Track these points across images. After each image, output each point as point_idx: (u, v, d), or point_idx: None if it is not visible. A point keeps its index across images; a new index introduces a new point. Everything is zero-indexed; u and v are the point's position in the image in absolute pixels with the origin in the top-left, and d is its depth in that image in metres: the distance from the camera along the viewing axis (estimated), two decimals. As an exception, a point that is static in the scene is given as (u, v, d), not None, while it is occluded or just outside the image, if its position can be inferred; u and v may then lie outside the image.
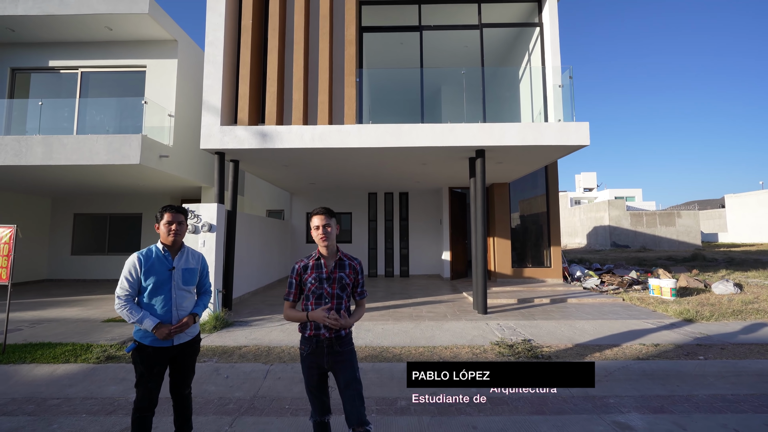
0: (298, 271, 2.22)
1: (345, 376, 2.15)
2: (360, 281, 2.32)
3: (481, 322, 5.81)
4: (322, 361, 2.15)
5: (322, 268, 2.20)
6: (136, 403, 2.27)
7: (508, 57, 8.93)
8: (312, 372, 2.16)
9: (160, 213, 2.41)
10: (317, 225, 2.20)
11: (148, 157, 6.94)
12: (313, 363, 2.16)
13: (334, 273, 2.21)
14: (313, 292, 2.17)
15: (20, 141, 6.71)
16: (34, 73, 8.62)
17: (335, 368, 2.16)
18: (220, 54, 6.49)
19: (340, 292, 2.20)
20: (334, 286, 2.19)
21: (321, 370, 2.17)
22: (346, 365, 2.16)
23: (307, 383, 2.19)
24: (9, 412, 3.23)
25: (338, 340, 2.17)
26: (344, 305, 2.22)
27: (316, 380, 2.17)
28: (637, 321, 5.79)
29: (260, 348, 4.66)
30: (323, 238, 2.19)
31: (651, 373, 3.85)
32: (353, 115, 6.44)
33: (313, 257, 2.25)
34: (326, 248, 2.22)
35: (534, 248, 10.58)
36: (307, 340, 2.17)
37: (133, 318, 2.23)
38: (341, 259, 2.26)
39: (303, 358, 2.19)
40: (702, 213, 37.73)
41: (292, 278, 2.23)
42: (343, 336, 2.20)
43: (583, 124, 6.25)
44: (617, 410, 3.18)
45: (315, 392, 2.18)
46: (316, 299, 2.18)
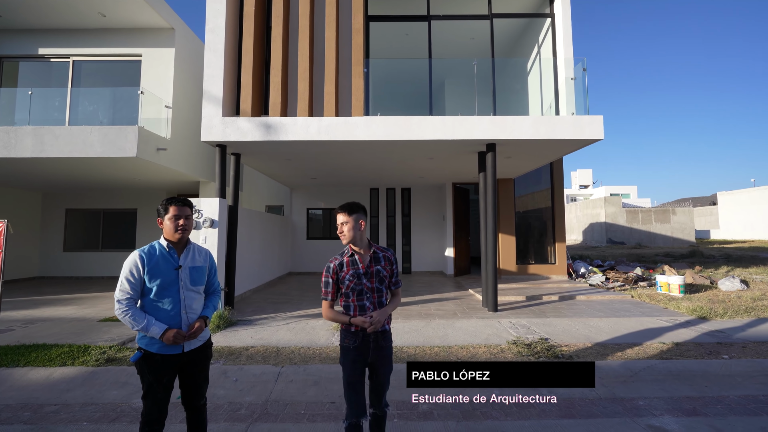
0: (334, 269, 2.19)
1: (385, 370, 2.23)
2: (394, 271, 2.32)
3: (493, 320, 5.67)
4: (367, 355, 2.17)
5: (357, 264, 2.20)
6: (145, 416, 2.04)
7: (516, 49, 8.75)
8: (356, 366, 2.17)
9: (163, 206, 2.15)
10: (337, 224, 2.23)
11: (144, 150, 6.66)
12: (358, 357, 2.17)
13: (371, 267, 2.21)
14: (353, 289, 2.17)
15: (9, 132, 6.39)
16: (22, 62, 8.25)
17: (377, 362, 2.20)
18: (221, 42, 6.22)
19: (379, 285, 2.22)
20: (372, 280, 2.20)
21: (365, 363, 2.19)
22: (387, 360, 2.24)
23: (350, 377, 2.16)
24: (3, 420, 3.00)
25: (383, 335, 2.23)
26: (384, 297, 2.25)
27: (359, 374, 2.18)
28: (651, 319, 5.68)
29: (268, 349, 4.46)
30: (341, 237, 2.21)
31: (677, 374, 3.72)
32: (361, 107, 6.22)
33: (347, 254, 2.23)
34: (353, 245, 2.21)
35: (538, 244, 10.48)
36: (352, 334, 2.18)
37: (137, 325, 1.99)
38: (375, 252, 2.26)
39: (347, 351, 2.18)
40: (695, 210, 38.09)
41: (328, 277, 2.19)
42: (387, 330, 2.25)
43: (597, 117, 6.10)
44: (649, 413, 3.05)
45: (357, 387, 2.16)
46: (357, 296, 2.18)
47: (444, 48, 8.44)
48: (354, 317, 2.14)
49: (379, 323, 2.12)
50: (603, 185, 46.23)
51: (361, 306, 2.18)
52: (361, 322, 2.10)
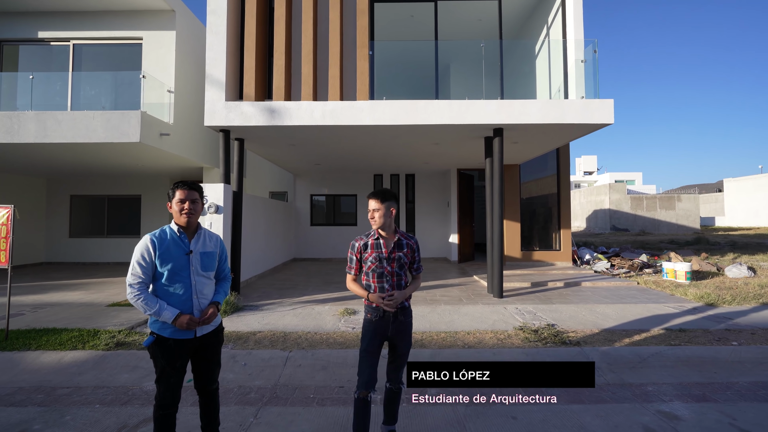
0: (359, 248, 2.34)
1: (404, 344, 2.35)
2: (416, 258, 2.43)
3: (499, 306, 5.67)
4: (387, 328, 2.29)
5: (381, 248, 2.31)
6: (158, 400, 2.04)
7: (524, 31, 8.53)
8: (375, 338, 2.29)
9: (171, 190, 2.13)
10: (369, 209, 2.34)
11: (148, 135, 6.59)
12: (378, 329, 2.29)
13: (393, 253, 2.32)
14: (374, 270, 2.30)
15: (12, 117, 6.33)
16: (22, 45, 8.12)
17: (397, 336, 2.32)
18: (223, 24, 6.08)
19: (398, 270, 2.32)
20: (393, 264, 2.30)
21: (384, 337, 2.31)
22: (406, 335, 2.36)
23: (367, 347, 2.29)
24: (17, 403, 3.04)
25: (403, 311, 2.33)
26: (404, 281, 2.36)
27: (376, 346, 2.30)
28: (658, 305, 5.67)
29: (276, 333, 4.48)
30: (372, 222, 2.33)
31: (686, 360, 3.71)
32: (366, 91, 6.10)
33: (372, 236, 2.36)
34: (382, 230, 2.33)
35: (543, 231, 10.43)
36: (374, 309, 2.30)
37: (149, 309, 1.97)
38: (400, 239, 2.36)
39: (369, 323, 2.31)
40: (700, 197, 37.80)
41: (352, 255, 2.37)
42: (407, 307, 2.36)
43: (607, 101, 5.97)
44: (659, 399, 3.05)
45: (371, 358, 2.27)
46: (377, 277, 2.30)
47: (450, 30, 8.24)
48: (371, 294, 2.29)
49: (395, 303, 2.23)
50: (608, 172, 45.84)
51: (380, 287, 2.30)
52: (377, 299, 2.25)
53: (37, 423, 2.75)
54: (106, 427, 2.69)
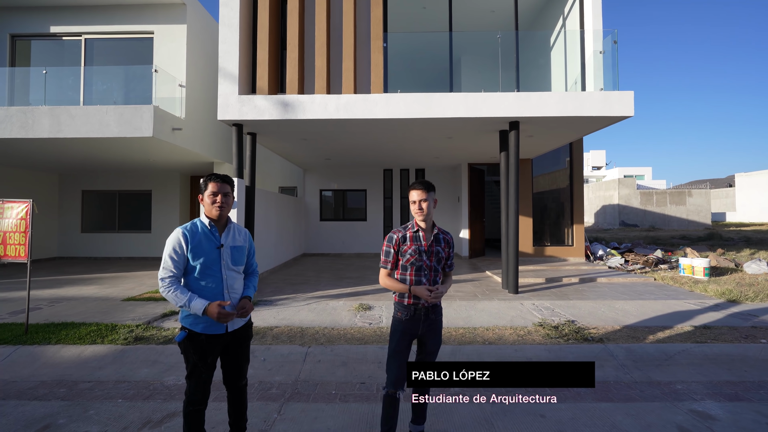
0: (397, 240, 2.25)
1: (434, 342, 2.32)
2: (450, 255, 2.37)
3: (515, 302, 5.59)
4: (417, 327, 2.24)
5: (420, 240, 2.25)
6: (189, 396, 2.02)
7: (538, 22, 8.37)
8: (405, 337, 2.24)
9: (203, 183, 2.09)
10: (414, 200, 2.24)
11: (160, 130, 6.57)
12: (408, 329, 2.24)
13: (432, 247, 2.26)
14: (412, 264, 2.22)
15: (26, 112, 6.34)
16: (34, 40, 8.12)
17: (427, 335, 2.27)
18: (236, 16, 6.01)
19: (436, 264, 2.27)
20: (432, 258, 2.25)
21: (413, 336, 2.26)
22: (437, 333, 2.32)
23: (396, 346, 2.24)
24: (41, 396, 3.03)
25: (434, 308, 2.28)
26: (438, 277, 2.30)
27: (405, 345, 2.25)
28: (678, 302, 5.56)
29: (293, 329, 4.46)
30: (419, 213, 2.23)
31: (714, 357, 3.62)
32: (380, 84, 6.02)
33: (410, 228, 2.29)
34: (424, 222, 2.26)
35: (555, 226, 10.31)
36: (405, 307, 2.24)
37: (180, 301, 1.93)
38: (437, 233, 2.32)
39: (399, 322, 2.25)
40: (711, 192, 37.22)
41: (390, 247, 2.26)
42: (438, 305, 2.31)
43: (627, 93, 5.83)
44: (689, 397, 2.97)
45: (400, 357, 2.23)
46: (415, 271, 2.22)
47: (461, 23, 8.08)
48: (414, 286, 2.19)
49: (439, 296, 2.18)
50: (616, 167, 45.28)
51: (417, 281, 2.23)
52: (422, 291, 2.15)
53: (62, 417, 2.74)
54: (130, 423, 2.67)
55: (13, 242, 4.27)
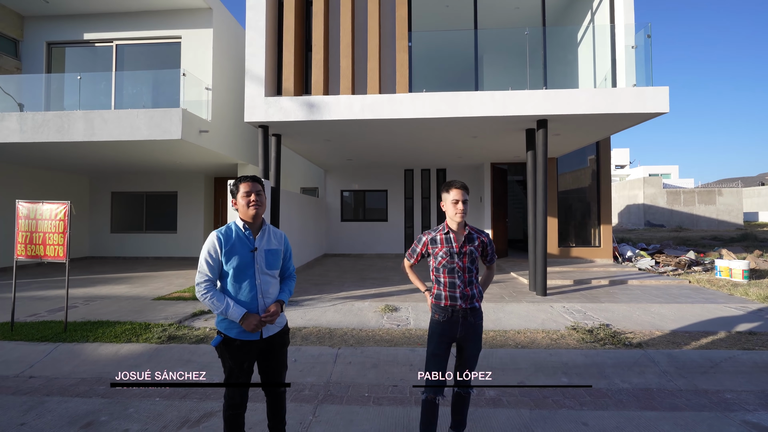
0: (425, 243, 2.29)
1: (473, 347, 2.23)
2: (489, 251, 2.35)
3: (545, 305, 5.46)
4: (455, 330, 2.19)
5: (451, 242, 2.22)
6: (228, 400, 2.02)
7: (565, 18, 8.17)
8: (443, 340, 2.20)
9: (234, 185, 2.07)
10: (456, 199, 2.19)
11: (189, 132, 6.70)
12: (445, 331, 2.19)
13: (464, 248, 2.22)
14: (444, 266, 2.21)
15: (62, 117, 6.57)
16: (68, 47, 8.42)
17: (465, 339, 2.20)
18: (261, 19, 6.08)
19: (470, 265, 2.22)
20: (464, 259, 2.21)
21: (452, 339, 2.20)
22: (476, 338, 2.22)
23: (435, 349, 2.20)
24: (82, 393, 3.12)
25: (473, 311, 2.20)
26: (474, 276, 2.25)
27: (444, 349, 2.20)
28: (718, 306, 5.32)
29: (321, 330, 4.46)
30: (460, 213, 2.18)
31: (764, 365, 3.43)
32: (405, 83, 5.98)
33: (441, 231, 2.26)
34: (457, 224, 2.22)
35: (580, 226, 10.04)
36: (442, 309, 2.21)
37: (217, 308, 1.93)
38: (470, 233, 2.26)
39: (437, 324, 2.22)
40: (743, 191, 35.64)
41: (417, 246, 2.34)
42: (477, 308, 2.23)
43: (662, 89, 5.61)
44: (742, 408, 2.81)
45: (439, 361, 2.18)
46: (448, 272, 2.21)
47: (485, 20, 7.94)
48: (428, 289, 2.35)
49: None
50: (641, 165, 43.88)
51: (451, 283, 2.20)
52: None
53: (103, 414, 2.80)
54: (169, 421, 2.71)
55: (53, 243, 4.43)
